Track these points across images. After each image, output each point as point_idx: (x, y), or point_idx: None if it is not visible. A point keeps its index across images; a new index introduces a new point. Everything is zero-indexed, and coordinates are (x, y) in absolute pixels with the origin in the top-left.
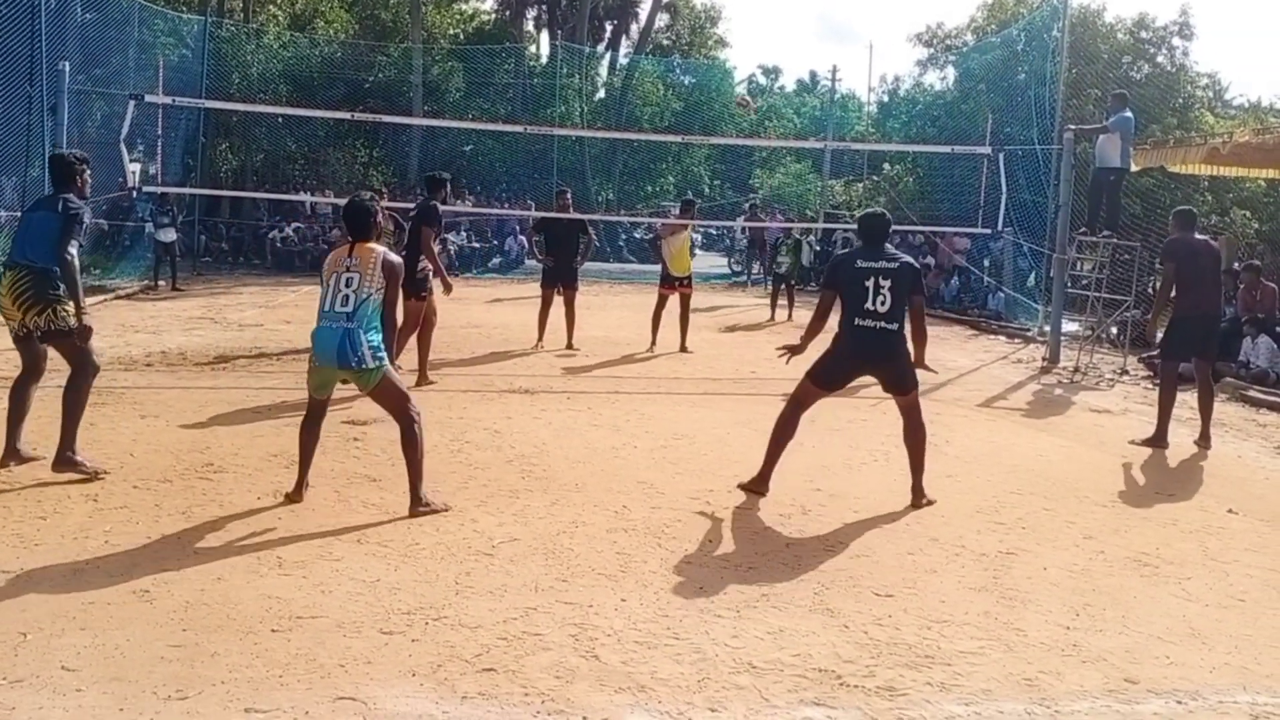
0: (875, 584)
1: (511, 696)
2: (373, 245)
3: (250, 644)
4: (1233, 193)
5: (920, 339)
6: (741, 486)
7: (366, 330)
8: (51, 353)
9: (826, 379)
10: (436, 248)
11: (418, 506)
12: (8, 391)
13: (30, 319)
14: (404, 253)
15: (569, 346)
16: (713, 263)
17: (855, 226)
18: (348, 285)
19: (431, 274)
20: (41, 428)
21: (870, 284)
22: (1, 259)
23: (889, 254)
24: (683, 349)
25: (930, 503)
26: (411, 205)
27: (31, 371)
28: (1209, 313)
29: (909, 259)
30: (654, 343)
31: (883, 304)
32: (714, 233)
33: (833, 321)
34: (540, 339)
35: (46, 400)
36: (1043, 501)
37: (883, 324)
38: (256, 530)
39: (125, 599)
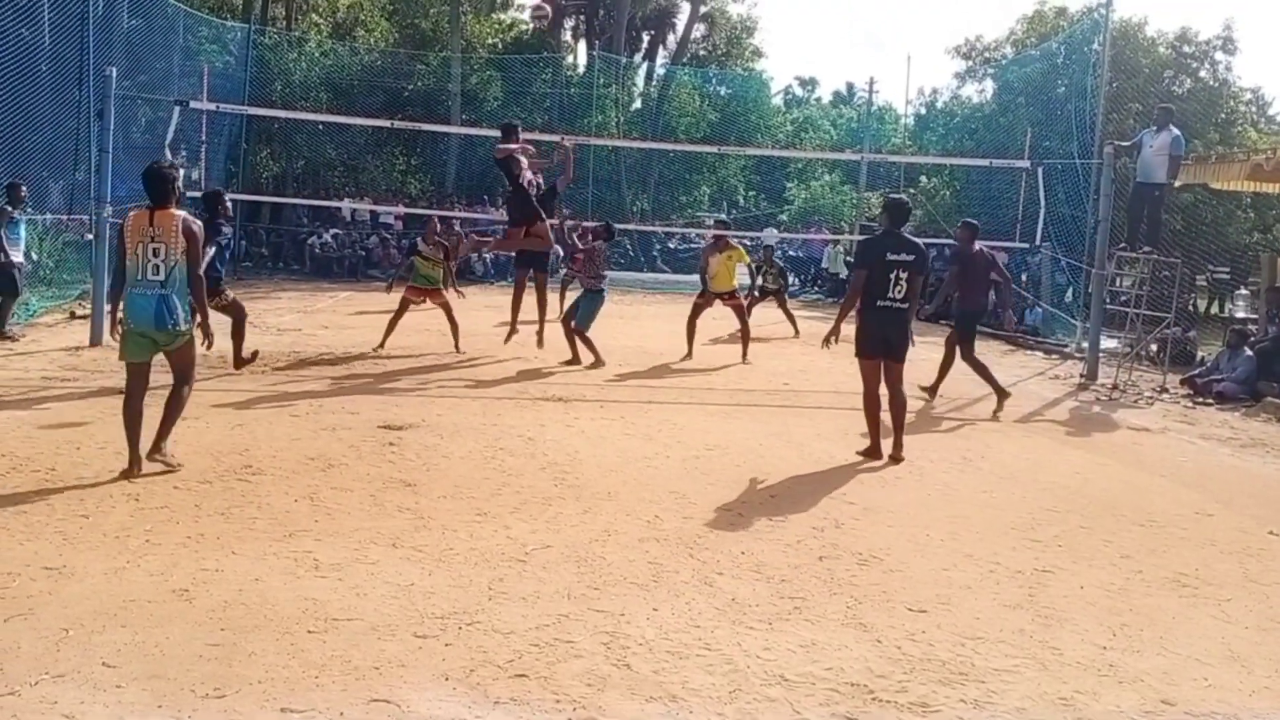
0: (909, 599)
1: (543, 703)
2: (173, 211)
3: (287, 644)
4: (1276, 209)
5: (913, 309)
6: (859, 453)
7: (179, 294)
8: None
9: (871, 350)
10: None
11: (155, 454)
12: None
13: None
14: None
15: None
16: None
17: (882, 207)
18: (155, 255)
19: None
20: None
21: (893, 275)
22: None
23: (909, 243)
24: (743, 359)
25: (902, 459)
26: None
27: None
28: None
29: (920, 245)
30: (690, 353)
31: (899, 291)
32: (747, 244)
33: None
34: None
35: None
36: (1079, 519)
37: (897, 305)
38: (293, 532)
39: (165, 597)
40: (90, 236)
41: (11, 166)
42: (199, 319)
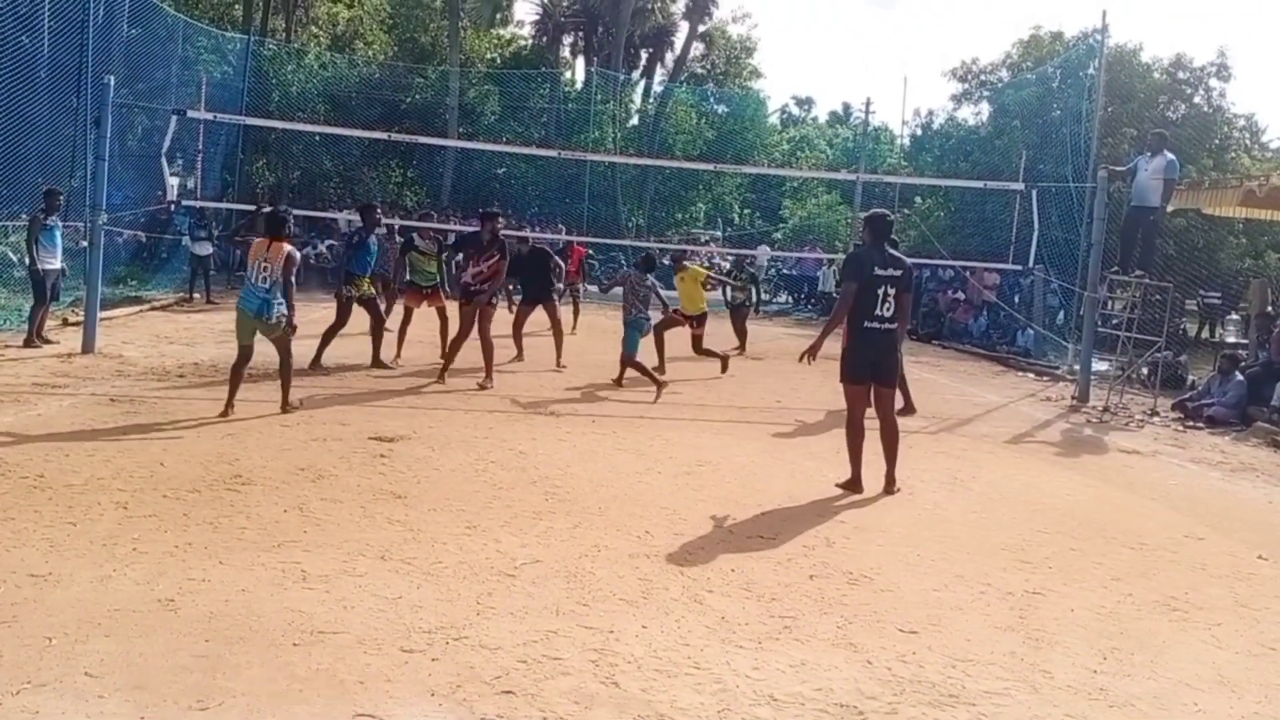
0: (899, 620)
1: None
2: (282, 243)
3: (272, 657)
4: (1267, 235)
5: (904, 325)
6: (839, 485)
7: (278, 300)
8: None
9: (857, 374)
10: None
11: (286, 408)
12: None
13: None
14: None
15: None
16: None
17: (864, 224)
18: (264, 270)
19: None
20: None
21: (881, 292)
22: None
23: (894, 258)
24: (723, 370)
25: (898, 490)
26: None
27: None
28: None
29: (907, 261)
30: (661, 370)
31: (888, 309)
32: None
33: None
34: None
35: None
36: (1070, 541)
37: (886, 325)
38: (282, 543)
39: (150, 607)
40: (85, 244)
41: (8, 173)
42: (290, 317)
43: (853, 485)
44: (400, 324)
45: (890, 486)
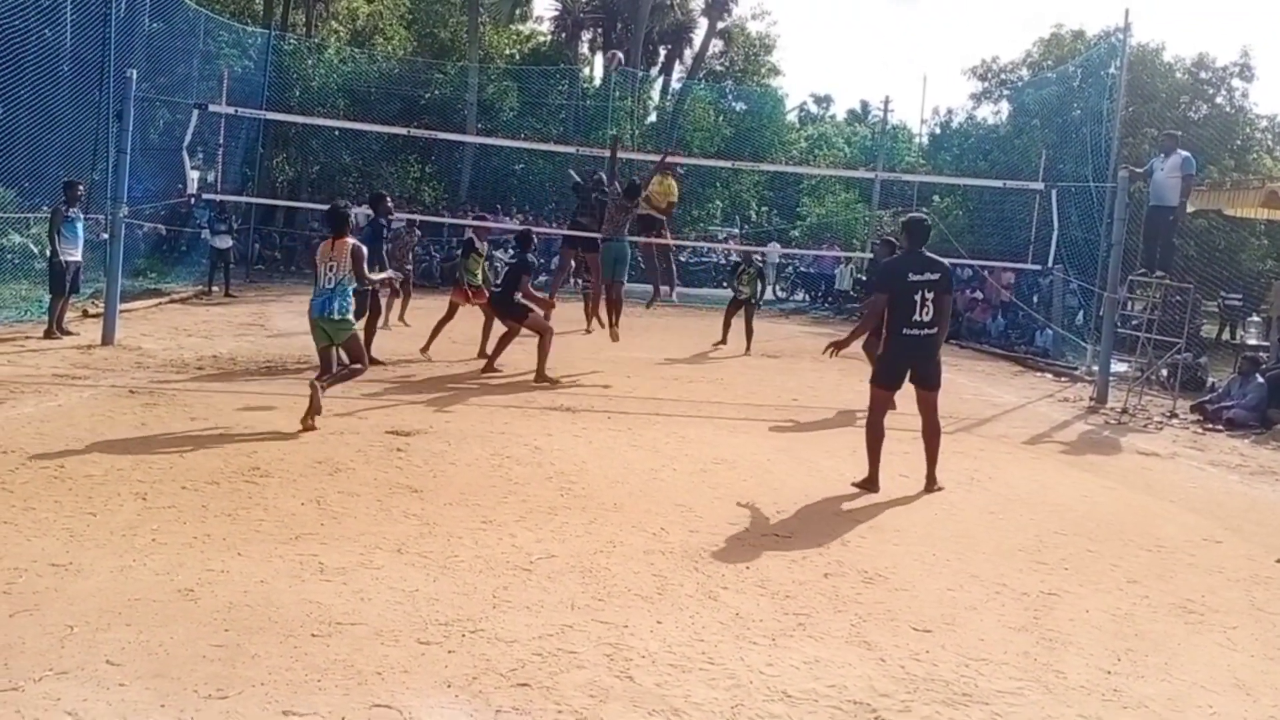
0: (913, 618)
1: (545, 713)
2: (346, 239)
3: (290, 647)
4: None
5: (943, 332)
6: (855, 484)
7: (342, 297)
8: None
9: (889, 379)
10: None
11: (319, 389)
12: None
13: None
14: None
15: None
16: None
17: (901, 227)
18: (330, 270)
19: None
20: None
21: (918, 297)
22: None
23: (931, 262)
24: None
25: (940, 489)
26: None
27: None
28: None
29: (945, 263)
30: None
31: (927, 314)
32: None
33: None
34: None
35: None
36: (1086, 543)
37: (926, 331)
38: (299, 535)
39: (170, 597)
40: (105, 236)
41: (30, 165)
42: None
43: (869, 484)
44: (441, 318)
45: (931, 485)
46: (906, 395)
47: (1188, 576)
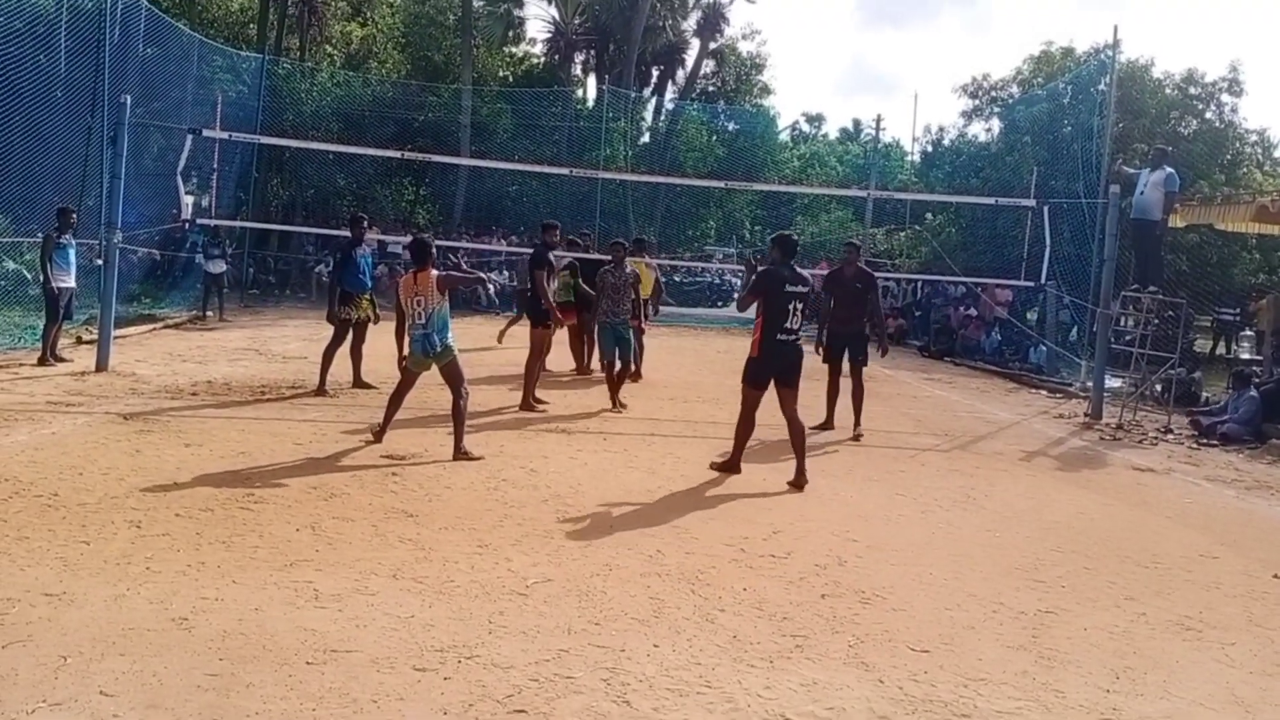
0: (911, 639)
1: None
2: (429, 271)
3: (285, 676)
4: None
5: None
6: (713, 465)
7: (439, 331)
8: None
9: (760, 379)
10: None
11: (458, 455)
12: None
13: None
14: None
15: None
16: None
17: (772, 243)
18: (419, 305)
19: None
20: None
21: (791, 307)
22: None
23: (801, 276)
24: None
25: (806, 482)
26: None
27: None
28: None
29: (807, 275)
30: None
31: (796, 322)
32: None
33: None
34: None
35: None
36: (1083, 560)
37: (793, 337)
38: (294, 561)
39: (164, 626)
40: (99, 262)
41: (24, 191)
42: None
43: (731, 468)
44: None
45: (800, 479)
46: (923, 404)
47: (1185, 593)
